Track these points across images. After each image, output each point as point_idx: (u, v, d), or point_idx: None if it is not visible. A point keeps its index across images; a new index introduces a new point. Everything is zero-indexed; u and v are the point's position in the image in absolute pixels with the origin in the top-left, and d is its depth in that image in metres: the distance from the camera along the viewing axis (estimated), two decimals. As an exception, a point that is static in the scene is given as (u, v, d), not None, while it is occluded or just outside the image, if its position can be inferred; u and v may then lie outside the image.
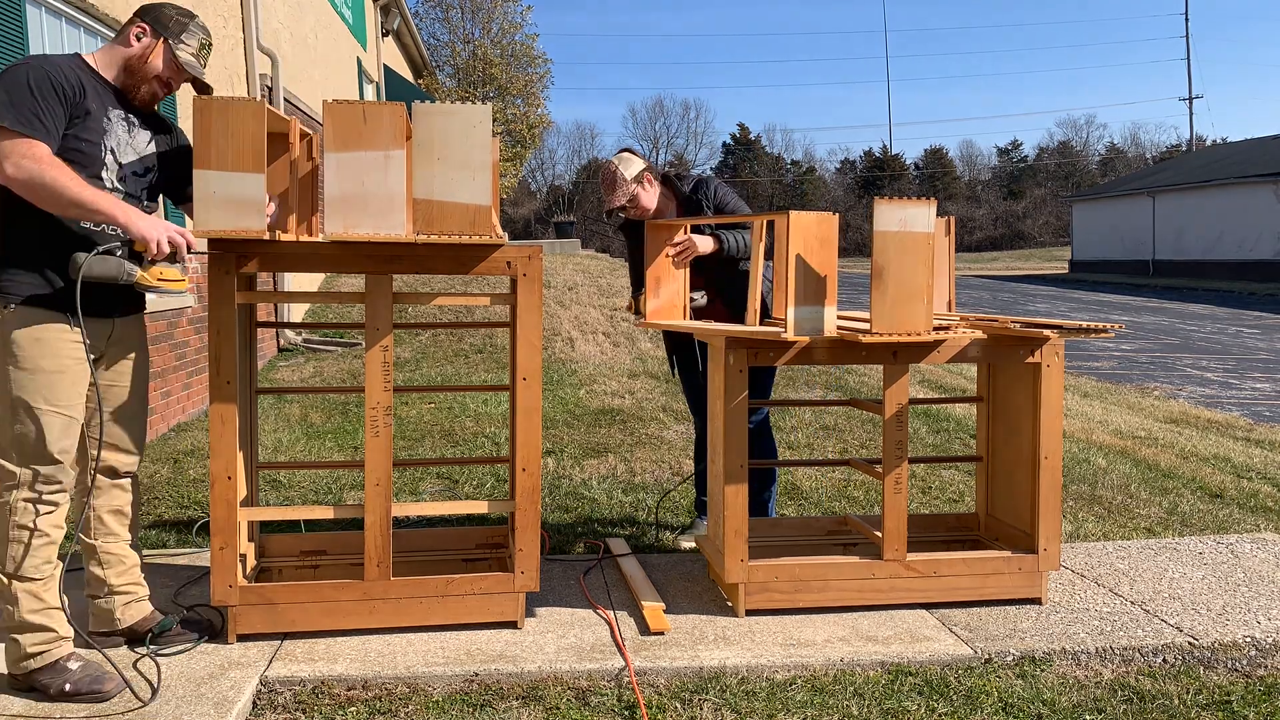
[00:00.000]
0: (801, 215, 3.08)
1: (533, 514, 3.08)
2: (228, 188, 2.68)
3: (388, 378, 2.97)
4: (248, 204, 2.69)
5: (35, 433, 2.59)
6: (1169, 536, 4.28)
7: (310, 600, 3.00)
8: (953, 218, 3.80)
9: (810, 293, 3.10)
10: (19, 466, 2.60)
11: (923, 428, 6.56)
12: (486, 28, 30.08)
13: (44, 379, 2.60)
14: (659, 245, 3.75)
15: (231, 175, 2.68)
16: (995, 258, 51.91)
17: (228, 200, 2.68)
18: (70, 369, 2.65)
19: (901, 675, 2.87)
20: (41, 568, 2.62)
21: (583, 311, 11.64)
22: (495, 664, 2.86)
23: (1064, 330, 3.19)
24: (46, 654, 2.62)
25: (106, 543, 2.89)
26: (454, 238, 2.81)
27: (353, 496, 4.84)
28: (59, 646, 2.65)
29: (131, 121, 2.80)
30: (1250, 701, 2.76)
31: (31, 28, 5.08)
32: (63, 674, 2.61)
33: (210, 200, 2.68)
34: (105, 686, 2.61)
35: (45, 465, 2.61)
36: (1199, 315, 18.71)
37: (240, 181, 2.68)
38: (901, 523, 3.29)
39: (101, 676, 2.64)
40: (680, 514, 4.57)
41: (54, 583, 2.65)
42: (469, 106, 2.77)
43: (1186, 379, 10.36)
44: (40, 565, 2.61)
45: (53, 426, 2.61)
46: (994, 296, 23.28)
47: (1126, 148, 69.34)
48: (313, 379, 8.42)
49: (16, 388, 2.58)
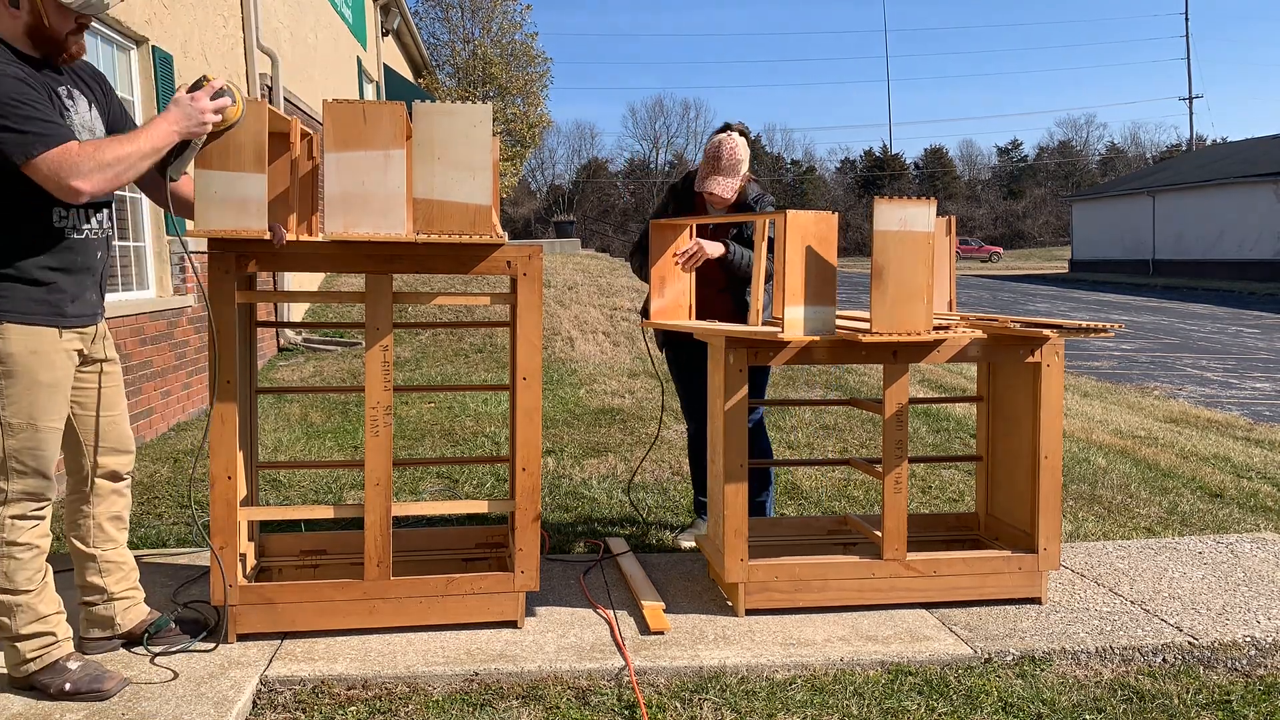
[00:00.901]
0: (799, 214, 3.07)
1: (533, 514, 3.08)
2: (229, 188, 2.68)
3: (388, 377, 2.97)
4: (249, 204, 2.69)
5: (27, 449, 2.57)
6: (1169, 536, 4.28)
7: (310, 600, 3.00)
8: (953, 217, 3.80)
9: (808, 292, 3.10)
10: (8, 484, 2.57)
11: (923, 427, 6.56)
12: (486, 27, 30.10)
13: (39, 394, 2.57)
14: (664, 245, 3.74)
15: (233, 175, 2.68)
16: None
17: (228, 200, 2.69)
18: (63, 380, 2.63)
19: (901, 675, 2.87)
20: (33, 579, 2.61)
21: (583, 311, 11.65)
22: (495, 663, 2.86)
23: (1064, 330, 3.19)
24: (45, 656, 2.63)
25: (106, 551, 2.87)
26: (454, 237, 2.82)
27: (353, 496, 4.85)
28: (57, 648, 2.65)
29: (71, 93, 2.67)
30: (1250, 701, 2.76)
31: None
32: (62, 674, 2.62)
33: (211, 200, 2.69)
34: (105, 685, 2.62)
35: (35, 481, 2.60)
36: (1199, 315, 18.72)
37: (241, 181, 2.68)
38: (901, 522, 3.29)
39: (101, 676, 2.64)
40: (680, 514, 4.57)
41: (47, 590, 2.66)
42: (469, 106, 2.77)
43: (1186, 379, 10.36)
44: (31, 577, 2.61)
45: (45, 442, 2.60)
46: (994, 296, 23.28)
47: (1126, 147, 69.40)
48: (313, 378, 8.42)
49: (9, 404, 2.54)
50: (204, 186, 2.68)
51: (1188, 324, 16.78)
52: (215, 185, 2.68)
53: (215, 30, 7.95)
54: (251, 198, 2.69)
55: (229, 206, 2.68)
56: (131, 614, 2.93)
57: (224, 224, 2.69)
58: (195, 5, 7.45)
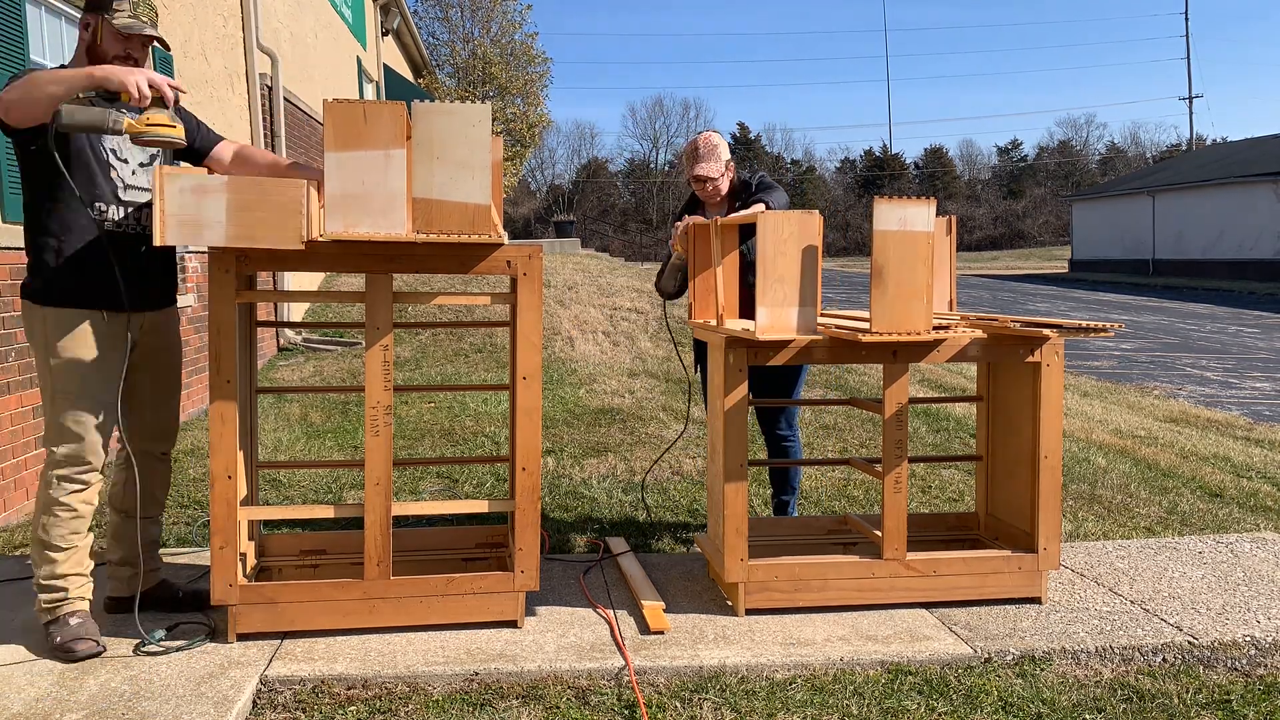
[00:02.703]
0: (777, 214, 3.01)
1: (532, 513, 3.08)
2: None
3: (388, 377, 2.97)
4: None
5: (71, 419, 2.86)
6: (1169, 536, 4.29)
7: (310, 599, 3.00)
8: (953, 217, 3.80)
9: (787, 293, 3.04)
10: (56, 448, 2.87)
11: (922, 427, 6.56)
12: (486, 27, 30.05)
13: (80, 370, 2.86)
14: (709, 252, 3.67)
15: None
16: (995, 257, 51.92)
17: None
18: (104, 360, 2.90)
19: (901, 674, 2.87)
20: (68, 538, 2.89)
21: (583, 311, 11.64)
22: (495, 663, 2.86)
23: (1064, 329, 3.19)
24: (55, 610, 2.91)
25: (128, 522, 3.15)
26: (454, 237, 2.81)
27: (353, 496, 4.85)
28: (67, 604, 2.91)
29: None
30: (1250, 701, 2.76)
31: (31, 28, 5.08)
32: (63, 628, 2.88)
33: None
34: (77, 647, 2.84)
35: (79, 448, 2.87)
36: (1199, 314, 18.72)
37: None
38: (901, 522, 3.29)
39: (80, 639, 2.85)
40: (680, 513, 4.57)
41: (77, 553, 2.92)
42: (468, 106, 2.77)
43: (1186, 378, 10.36)
44: (67, 536, 2.89)
45: (86, 414, 2.87)
46: (994, 296, 23.28)
47: (1126, 147, 69.36)
48: (313, 378, 8.42)
49: (55, 379, 2.86)
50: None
51: (1188, 324, 16.79)
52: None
53: (215, 30, 7.94)
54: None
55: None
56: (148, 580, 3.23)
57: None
58: (195, 5, 7.45)
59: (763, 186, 3.87)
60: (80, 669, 2.79)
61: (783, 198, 3.81)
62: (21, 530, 4.25)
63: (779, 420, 4.07)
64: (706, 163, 3.87)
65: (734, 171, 3.98)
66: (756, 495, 4.78)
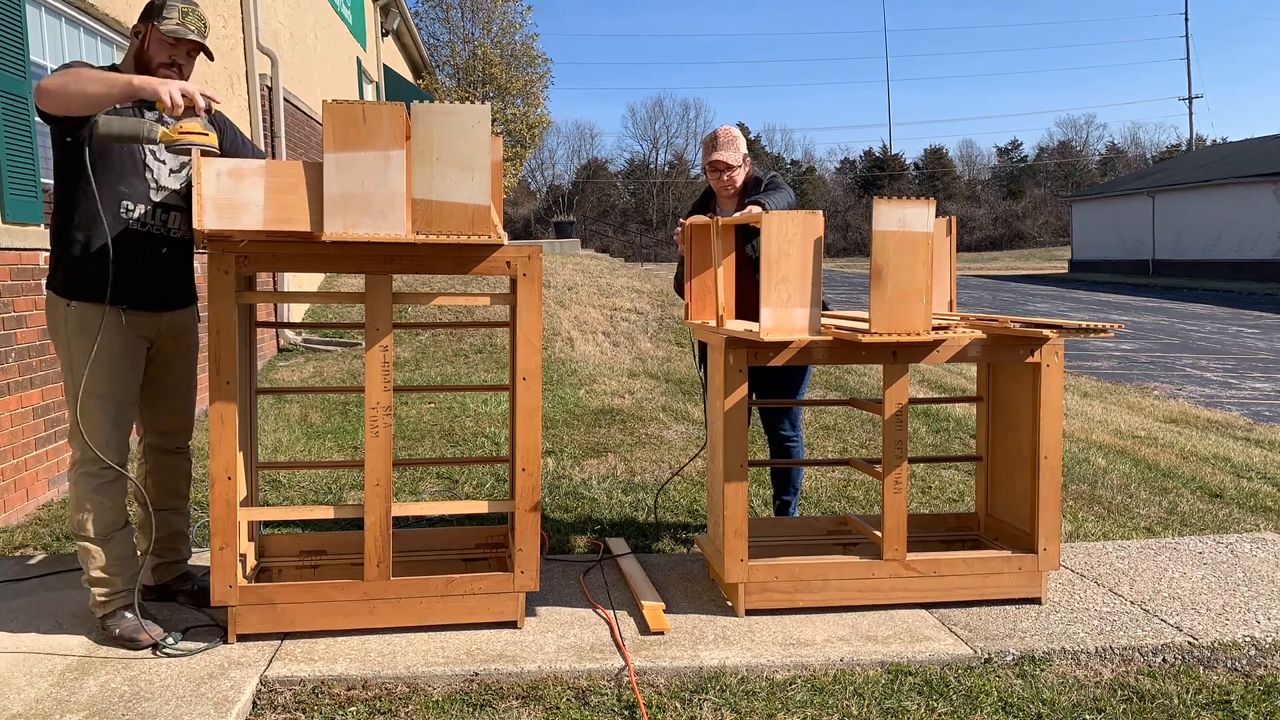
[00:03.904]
0: (781, 215, 3.03)
1: (532, 514, 3.08)
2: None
3: (388, 378, 2.97)
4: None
5: (94, 416, 2.92)
6: (1169, 536, 4.29)
7: (310, 600, 3.00)
8: (953, 217, 3.80)
9: (792, 294, 3.05)
10: (83, 445, 2.92)
11: (922, 427, 6.56)
12: (486, 28, 30.06)
13: (101, 368, 2.92)
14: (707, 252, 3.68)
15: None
16: (995, 257, 51.93)
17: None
18: (123, 358, 2.98)
19: (901, 675, 2.87)
20: (105, 530, 2.96)
21: (583, 311, 11.64)
22: (495, 664, 2.86)
23: (1064, 330, 3.19)
24: (109, 603, 2.99)
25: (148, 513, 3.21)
26: (453, 238, 2.81)
27: (353, 496, 4.85)
28: (120, 598, 2.99)
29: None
30: (1250, 701, 2.76)
31: (31, 28, 5.08)
32: (120, 621, 2.97)
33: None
34: (140, 638, 2.92)
35: (103, 444, 2.93)
36: (1199, 315, 18.72)
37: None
38: (901, 522, 3.29)
39: (140, 629, 2.94)
40: (680, 513, 4.57)
41: (118, 545, 2.99)
42: (468, 106, 2.77)
43: (1186, 379, 10.36)
44: (104, 528, 2.96)
45: (109, 410, 2.94)
46: (994, 296, 23.28)
47: (1126, 147, 69.38)
48: (313, 379, 8.42)
49: (77, 377, 2.91)
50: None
51: (1187, 324, 16.79)
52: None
53: (215, 30, 7.94)
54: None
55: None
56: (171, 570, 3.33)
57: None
58: (195, 6, 7.45)
59: (772, 186, 3.89)
60: (80, 669, 2.79)
61: (785, 198, 3.81)
62: (21, 530, 4.25)
63: (783, 421, 4.08)
64: (725, 150, 3.94)
65: (750, 166, 4.04)
66: (756, 496, 4.78)
